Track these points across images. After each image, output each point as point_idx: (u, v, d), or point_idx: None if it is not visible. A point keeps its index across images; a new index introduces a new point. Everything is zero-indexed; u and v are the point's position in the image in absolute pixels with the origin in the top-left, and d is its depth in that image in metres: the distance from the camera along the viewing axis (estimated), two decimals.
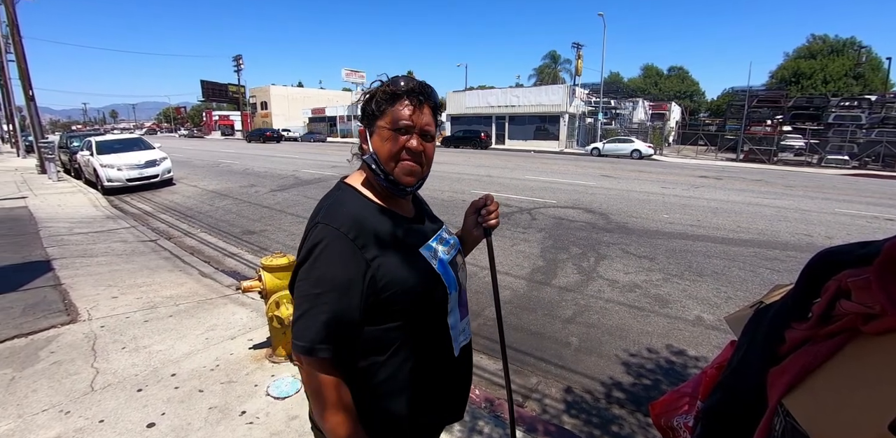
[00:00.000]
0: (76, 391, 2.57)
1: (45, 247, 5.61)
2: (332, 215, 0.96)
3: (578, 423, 2.52)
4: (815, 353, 0.67)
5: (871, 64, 40.42)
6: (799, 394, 0.65)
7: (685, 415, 1.19)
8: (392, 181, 1.01)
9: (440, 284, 1.04)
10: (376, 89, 1.01)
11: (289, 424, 2.31)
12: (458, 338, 1.11)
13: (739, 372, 0.85)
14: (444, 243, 1.13)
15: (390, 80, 1.00)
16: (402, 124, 0.97)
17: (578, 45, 37.62)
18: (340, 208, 0.98)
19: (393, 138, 0.98)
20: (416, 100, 0.99)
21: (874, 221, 8.07)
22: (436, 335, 1.06)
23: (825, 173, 19.84)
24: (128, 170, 11.26)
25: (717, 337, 3.53)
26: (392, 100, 0.98)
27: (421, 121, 0.99)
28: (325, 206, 0.99)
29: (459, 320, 1.12)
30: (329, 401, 0.93)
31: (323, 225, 0.94)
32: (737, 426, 0.79)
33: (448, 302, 1.06)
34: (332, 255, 0.91)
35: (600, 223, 7.35)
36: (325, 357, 0.91)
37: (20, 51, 13.19)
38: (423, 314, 1.03)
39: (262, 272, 2.88)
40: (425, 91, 1.01)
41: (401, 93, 0.98)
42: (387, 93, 0.98)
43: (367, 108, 1.01)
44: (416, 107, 0.99)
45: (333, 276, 0.91)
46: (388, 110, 0.98)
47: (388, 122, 0.98)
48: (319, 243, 0.92)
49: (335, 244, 0.92)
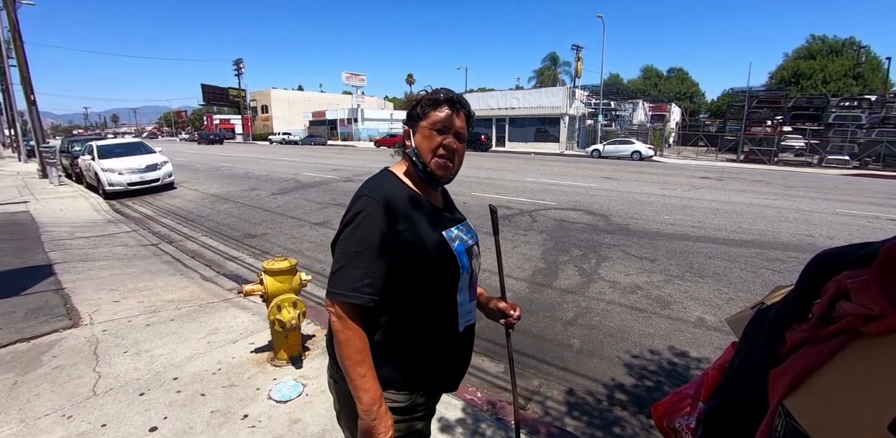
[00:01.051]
0: (78, 395, 2.57)
1: (47, 252, 5.62)
2: (376, 190, 1.14)
3: (581, 425, 2.52)
4: (816, 354, 0.67)
5: (871, 64, 40.43)
6: (800, 395, 0.65)
7: (687, 417, 1.19)
8: (429, 172, 1.19)
9: (455, 263, 1.20)
10: (422, 96, 1.22)
11: (291, 428, 2.31)
12: (464, 316, 1.26)
13: (740, 374, 0.85)
14: (464, 233, 1.29)
15: (434, 91, 1.23)
16: (441, 125, 1.17)
17: (578, 46, 37.73)
18: (383, 186, 1.17)
19: (432, 136, 1.18)
20: (454, 106, 1.20)
21: (875, 221, 8.06)
22: (446, 307, 1.22)
23: (826, 173, 19.83)
24: (129, 174, 11.28)
25: (719, 339, 3.52)
26: (435, 105, 1.18)
27: (457, 124, 1.20)
28: (371, 183, 1.19)
29: (468, 301, 1.27)
30: (354, 347, 1.09)
31: (367, 198, 1.12)
32: (738, 427, 0.80)
33: (459, 282, 1.22)
34: (372, 222, 1.09)
35: (601, 225, 7.35)
36: (356, 303, 1.08)
37: (22, 55, 13.24)
38: (437, 285, 1.18)
39: (264, 275, 2.88)
40: (461, 101, 1.23)
41: (442, 101, 1.18)
42: (430, 100, 1.19)
43: (412, 112, 1.22)
44: (454, 112, 1.19)
45: (372, 239, 1.08)
46: (430, 113, 1.18)
47: (430, 123, 1.18)
48: (363, 211, 1.10)
49: (375, 213, 1.09)
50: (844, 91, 36.12)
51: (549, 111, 32.91)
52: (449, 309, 1.22)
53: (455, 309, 1.23)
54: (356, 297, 1.07)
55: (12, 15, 13.18)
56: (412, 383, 1.21)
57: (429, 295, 1.18)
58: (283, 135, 48.07)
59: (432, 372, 1.24)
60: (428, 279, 1.16)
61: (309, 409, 2.46)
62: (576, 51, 37.81)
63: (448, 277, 1.20)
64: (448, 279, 1.20)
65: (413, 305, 1.16)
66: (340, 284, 1.08)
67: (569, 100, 32.23)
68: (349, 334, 1.09)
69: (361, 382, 1.09)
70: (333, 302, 1.10)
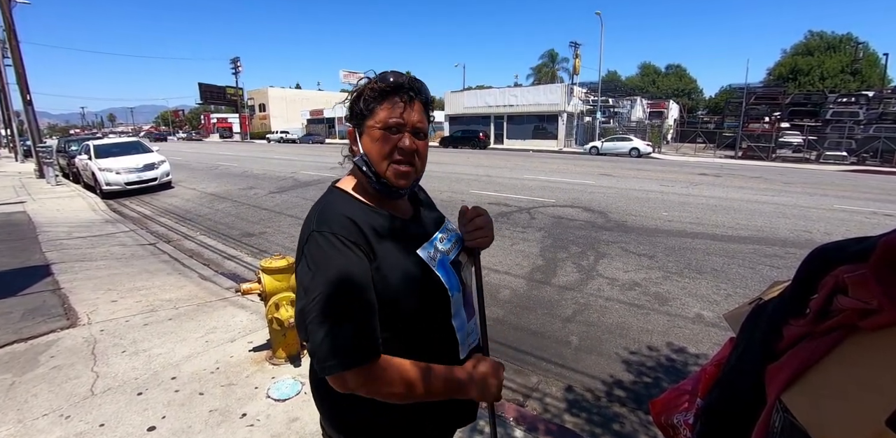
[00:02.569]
0: (76, 395, 2.57)
1: (44, 252, 5.60)
2: (323, 222, 0.91)
3: (580, 422, 2.52)
4: (813, 349, 0.67)
5: (869, 60, 40.48)
6: (797, 390, 0.65)
7: (685, 413, 1.19)
8: (384, 183, 0.96)
9: (440, 287, 0.99)
10: (364, 86, 0.96)
11: (289, 426, 2.31)
12: (465, 341, 1.07)
13: (738, 369, 0.85)
14: (446, 240, 1.09)
15: (378, 76, 0.96)
16: (393, 122, 0.93)
17: (576, 44, 37.65)
18: (333, 212, 0.93)
19: (384, 138, 0.94)
20: (407, 96, 0.94)
21: (873, 217, 8.07)
22: (439, 338, 1.03)
23: (824, 169, 19.86)
24: (126, 173, 11.25)
25: (718, 334, 3.53)
26: (381, 98, 0.94)
27: (412, 118, 0.95)
28: (317, 211, 0.95)
29: (466, 321, 1.08)
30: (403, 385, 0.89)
31: (316, 235, 0.89)
32: (736, 423, 0.79)
33: (451, 305, 1.02)
34: (334, 263, 0.86)
35: (599, 221, 7.35)
36: (373, 358, 0.86)
37: (17, 55, 13.18)
38: (422, 318, 0.98)
39: (262, 274, 2.87)
40: (415, 86, 0.96)
41: (390, 90, 0.93)
42: (375, 91, 0.94)
43: (354, 107, 0.97)
44: (407, 103, 0.94)
45: (345, 281, 0.85)
46: (377, 108, 0.94)
47: (378, 121, 0.94)
48: (321, 251, 0.88)
49: (334, 249, 0.87)
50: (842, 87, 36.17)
51: (548, 108, 32.88)
52: (446, 338, 1.04)
53: (453, 336, 1.04)
54: (366, 355, 0.85)
55: (7, 14, 13.11)
56: (417, 430, 1.04)
57: (418, 328, 0.98)
58: (280, 133, 48.00)
59: (440, 413, 1.05)
60: (413, 312, 0.96)
61: (308, 407, 2.45)
62: (574, 48, 37.75)
63: (437, 304, 1.00)
64: (437, 306, 1.00)
65: (402, 344, 0.95)
66: (338, 351, 0.83)
67: (567, 97, 32.19)
68: (388, 380, 0.87)
69: (449, 389, 0.94)
70: (344, 376, 0.85)
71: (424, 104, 0.99)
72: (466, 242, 1.14)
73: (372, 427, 1.01)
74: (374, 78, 0.96)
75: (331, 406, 1.03)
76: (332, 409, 1.04)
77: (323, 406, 1.06)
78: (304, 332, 0.87)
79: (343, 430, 1.04)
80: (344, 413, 1.02)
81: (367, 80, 0.97)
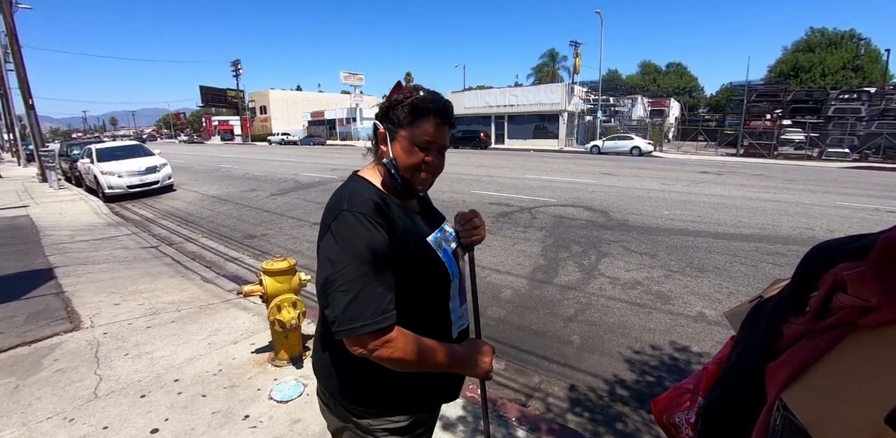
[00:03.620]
0: (80, 398, 2.57)
1: (48, 255, 5.62)
2: (353, 202, 1.01)
3: (582, 421, 2.51)
4: (813, 347, 0.66)
5: (870, 56, 40.33)
6: (797, 389, 0.65)
7: (687, 411, 1.19)
8: (409, 186, 1.09)
9: (444, 271, 1.12)
10: (405, 98, 1.05)
11: (292, 427, 2.31)
12: (457, 322, 1.19)
13: (738, 368, 0.84)
14: (446, 236, 1.21)
15: (420, 95, 1.05)
16: (426, 140, 1.05)
17: (576, 43, 37.59)
18: (361, 196, 1.03)
19: (415, 152, 1.05)
20: (441, 119, 1.06)
21: (875, 213, 8.04)
22: (437, 317, 1.14)
23: (826, 166, 19.80)
24: (128, 176, 11.27)
25: (720, 333, 3.52)
26: (421, 115, 1.04)
27: (442, 139, 1.08)
28: (346, 196, 1.04)
29: (459, 306, 1.19)
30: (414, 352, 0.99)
31: (346, 213, 0.98)
32: (736, 422, 0.79)
33: (450, 289, 1.15)
34: (363, 236, 0.96)
35: (601, 221, 7.34)
36: (387, 325, 0.96)
37: (19, 60, 13.23)
38: (427, 296, 1.10)
39: (263, 276, 2.87)
40: (449, 112, 1.09)
41: (432, 110, 1.04)
42: (417, 108, 1.04)
43: (391, 114, 1.06)
44: (441, 125, 1.06)
45: (371, 253, 0.95)
46: (416, 123, 1.04)
47: (414, 136, 1.04)
48: (347, 227, 0.97)
49: (361, 227, 0.97)
50: (843, 83, 36.04)
51: (548, 108, 32.86)
52: (442, 318, 1.15)
53: (448, 318, 1.16)
54: (386, 319, 0.95)
55: (9, 19, 13.17)
56: (411, 402, 1.14)
57: (421, 306, 1.09)
58: (281, 135, 48.06)
59: (429, 387, 1.16)
60: (420, 290, 1.08)
61: (310, 409, 2.45)
62: (574, 47, 37.69)
63: (440, 286, 1.12)
64: (440, 288, 1.12)
65: (405, 319, 1.04)
66: (362, 314, 0.93)
67: (567, 96, 32.18)
68: (400, 346, 0.98)
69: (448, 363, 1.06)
70: (364, 338, 0.95)
71: (451, 126, 1.12)
72: (464, 240, 1.27)
73: (381, 391, 1.10)
74: (422, 96, 1.05)
75: (343, 374, 1.11)
76: (344, 376, 1.11)
77: (336, 375, 1.12)
78: (325, 299, 0.98)
79: (354, 396, 1.12)
80: (356, 378, 1.09)
81: (412, 93, 1.06)
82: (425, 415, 1.21)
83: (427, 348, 1.02)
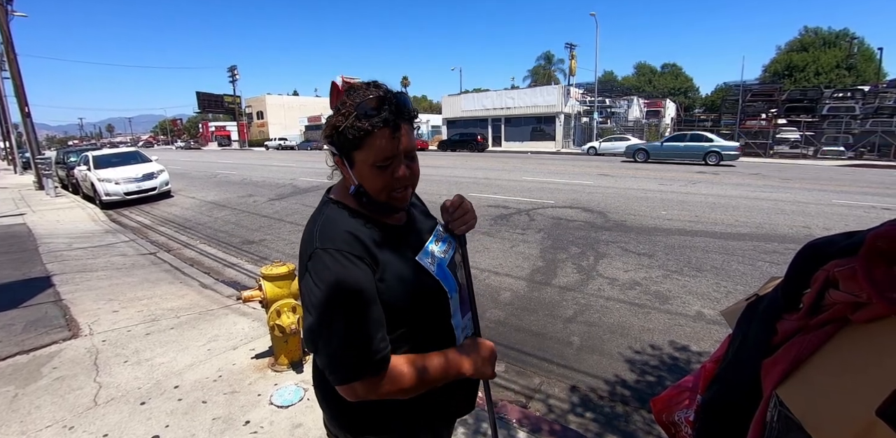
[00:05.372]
0: (79, 406, 2.56)
1: (45, 263, 5.60)
2: (328, 236, 0.91)
3: (584, 422, 2.52)
4: (807, 343, 0.67)
5: (864, 54, 40.62)
6: (791, 384, 0.66)
7: (686, 410, 1.20)
8: (385, 208, 0.99)
9: (441, 291, 1.02)
10: (343, 122, 0.88)
11: (293, 432, 2.30)
12: (460, 337, 1.11)
13: (734, 365, 0.85)
14: (440, 243, 1.10)
15: (358, 111, 0.86)
16: (385, 158, 0.90)
17: (572, 45, 37.78)
18: (334, 227, 0.94)
19: (378, 173, 0.92)
20: (393, 125, 0.88)
21: (871, 211, 8.08)
22: (440, 337, 1.06)
23: (821, 165, 19.89)
24: (125, 183, 11.26)
25: (719, 332, 3.52)
26: (367, 132, 0.87)
27: (403, 145, 0.91)
28: (318, 229, 0.94)
29: (461, 318, 1.12)
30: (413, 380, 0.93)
31: (321, 252, 0.89)
32: (734, 418, 0.80)
33: (451, 306, 1.06)
34: (340, 277, 0.87)
35: (599, 222, 7.36)
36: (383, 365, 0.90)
37: (15, 68, 13.22)
38: (425, 320, 1.02)
39: (263, 281, 2.88)
40: (400, 106, 0.89)
41: (377, 121, 0.86)
42: (358, 128, 0.87)
43: (336, 139, 0.92)
44: (395, 130, 0.89)
45: (353, 293, 0.87)
46: (364, 143, 0.88)
47: (369, 158, 0.90)
48: (325, 269, 0.87)
49: (339, 265, 0.87)
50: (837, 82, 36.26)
51: (545, 110, 32.97)
52: (445, 338, 1.07)
53: (451, 335, 1.08)
54: (378, 362, 0.88)
55: (5, 27, 13.17)
56: (421, 423, 1.08)
57: (420, 330, 1.02)
58: (279, 140, 48.08)
59: (440, 404, 1.09)
60: (416, 316, 1.00)
61: (311, 413, 2.45)
62: (569, 49, 37.88)
63: (438, 307, 1.04)
64: (438, 308, 1.04)
65: (406, 345, 0.99)
66: (348, 364, 0.86)
67: (564, 98, 32.29)
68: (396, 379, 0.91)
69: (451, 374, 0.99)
70: (354, 386, 0.88)
71: (410, 121, 0.94)
72: (456, 230, 1.14)
73: (380, 425, 1.04)
74: (354, 112, 0.87)
75: (338, 408, 1.04)
76: (339, 411, 1.05)
77: (330, 408, 1.07)
78: (313, 346, 0.90)
79: (351, 430, 1.06)
80: (352, 414, 1.03)
81: (343, 113, 0.88)
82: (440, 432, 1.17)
83: (424, 367, 0.95)
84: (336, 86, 0.99)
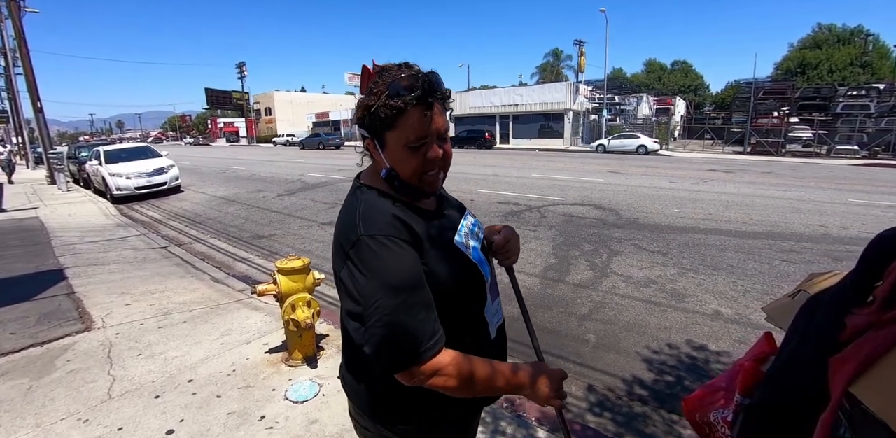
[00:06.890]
0: (94, 398, 2.56)
1: (58, 257, 5.63)
2: (372, 223, 0.89)
3: (602, 421, 2.47)
4: (882, 339, 0.63)
5: (879, 52, 39.97)
6: (869, 381, 0.61)
7: (723, 410, 1.15)
8: (419, 192, 0.98)
9: (478, 273, 1.02)
10: (376, 102, 0.87)
11: (308, 428, 2.28)
12: (492, 320, 1.10)
13: (792, 365, 0.81)
14: (471, 228, 1.10)
15: (391, 90, 0.85)
16: (418, 138, 0.88)
17: (580, 42, 37.45)
18: (377, 212, 0.92)
19: (411, 154, 0.90)
20: (426, 103, 0.86)
21: (889, 210, 7.94)
22: (475, 321, 1.05)
23: (835, 163, 19.60)
24: (136, 178, 11.33)
25: (737, 331, 3.46)
26: (399, 111, 0.86)
27: (436, 126, 0.89)
28: (360, 215, 0.91)
29: (492, 302, 1.10)
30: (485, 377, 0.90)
31: (368, 238, 0.86)
32: (792, 417, 0.75)
33: (486, 290, 1.05)
34: (390, 262, 0.85)
35: (611, 219, 7.28)
36: (440, 347, 0.87)
37: (28, 64, 13.32)
38: (465, 304, 1.01)
39: (277, 275, 2.85)
40: (433, 86, 0.87)
41: (410, 100, 0.85)
42: (391, 106, 0.85)
43: (368, 120, 0.91)
44: (428, 110, 0.87)
45: (404, 278, 0.85)
46: (397, 123, 0.87)
47: (402, 137, 0.88)
48: (374, 255, 0.85)
49: (387, 250, 0.86)
50: (852, 80, 35.73)
51: (553, 107, 32.74)
52: (479, 321, 1.06)
53: (484, 319, 1.07)
54: (434, 344, 0.86)
55: (18, 23, 13.26)
56: (457, 412, 1.07)
57: (460, 313, 0.99)
58: (286, 136, 48.16)
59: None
60: (457, 299, 0.98)
61: (326, 409, 2.43)
62: (578, 46, 37.55)
63: (476, 289, 1.02)
64: (477, 291, 1.03)
65: (448, 329, 0.95)
66: (406, 347, 0.84)
67: (572, 95, 32.04)
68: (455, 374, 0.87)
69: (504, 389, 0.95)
70: (413, 371, 0.85)
71: (443, 101, 0.92)
72: (501, 262, 1.23)
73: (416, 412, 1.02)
74: (386, 91, 0.85)
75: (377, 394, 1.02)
76: (378, 396, 1.02)
77: (367, 397, 1.04)
78: (361, 336, 0.88)
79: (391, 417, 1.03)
80: (391, 398, 1.01)
81: (376, 92, 0.87)
82: (469, 421, 1.16)
83: (489, 375, 0.91)
84: (367, 69, 0.96)
